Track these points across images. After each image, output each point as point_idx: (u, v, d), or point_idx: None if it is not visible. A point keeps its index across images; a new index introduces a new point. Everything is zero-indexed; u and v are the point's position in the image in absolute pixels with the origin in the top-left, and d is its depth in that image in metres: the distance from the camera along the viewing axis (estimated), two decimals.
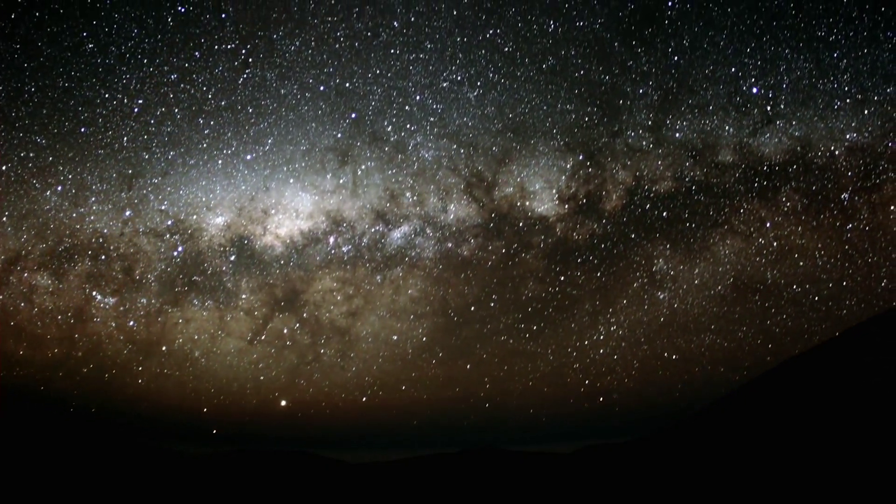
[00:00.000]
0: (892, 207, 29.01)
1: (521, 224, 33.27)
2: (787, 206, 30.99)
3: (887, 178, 28.58)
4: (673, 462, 16.32)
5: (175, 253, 31.09)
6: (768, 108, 29.73)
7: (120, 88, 28.75)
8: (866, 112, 28.30)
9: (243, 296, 32.66)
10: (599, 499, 14.99)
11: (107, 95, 28.54)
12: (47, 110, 28.21)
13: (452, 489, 18.03)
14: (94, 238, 29.85)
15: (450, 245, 33.81)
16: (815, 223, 30.49)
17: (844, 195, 29.52)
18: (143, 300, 31.34)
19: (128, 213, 30.14)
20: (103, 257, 30.10)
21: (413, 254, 33.78)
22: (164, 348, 31.75)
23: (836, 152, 29.40)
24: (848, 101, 28.46)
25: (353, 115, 31.74)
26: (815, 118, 29.24)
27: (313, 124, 31.50)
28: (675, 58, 30.22)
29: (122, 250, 30.47)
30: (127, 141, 29.51)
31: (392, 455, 27.04)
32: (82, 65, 28.02)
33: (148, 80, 29.09)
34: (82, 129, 28.71)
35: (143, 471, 19.37)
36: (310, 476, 20.75)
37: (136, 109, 29.18)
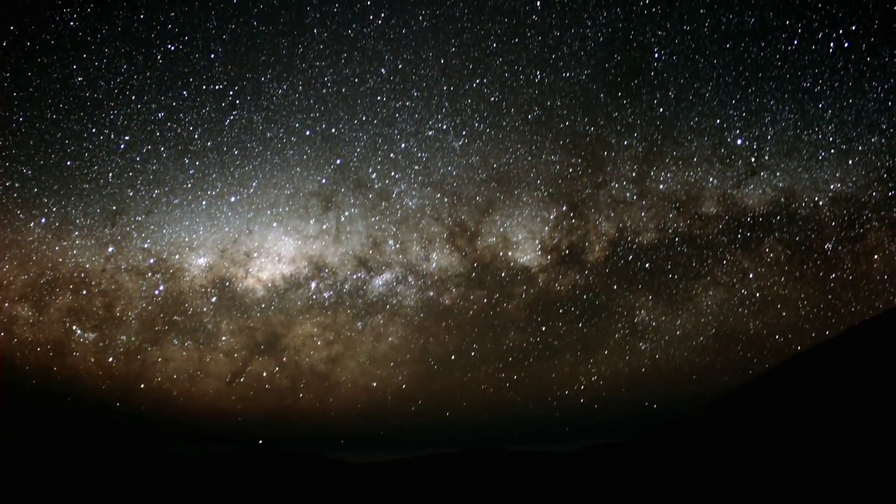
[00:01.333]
0: (875, 257, 29.35)
1: (503, 274, 33.63)
2: (771, 257, 31.36)
3: (871, 228, 28.96)
4: (672, 462, 16.38)
5: (156, 292, 31.21)
6: (752, 159, 30.06)
7: (107, 124, 28.96)
8: (850, 162, 28.67)
9: (223, 337, 32.74)
10: (599, 499, 15.08)
11: (94, 130, 28.77)
12: (34, 141, 28.36)
13: (453, 489, 18.02)
14: (76, 272, 29.95)
15: (431, 294, 34.03)
16: (798, 273, 30.80)
17: (828, 245, 29.84)
18: (123, 337, 31.35)
19: (110, 249, 30.33)
20: (84, 292, 30.14)
21: (394, 301, 33.96)
22: (142, 386, 31.77)
23: (820, 203, 29.69)
24: (832, 151, 28.79)
25: (338, 161, 32.18)
26: (800, 169, 29.61)
27: (298, 169, 31.96)
28: (661, 109, 30.69)
29: (103, 286, 30.57)
30: (112, 177, 29.75)
31: (392, 455, 27.01)
32: (71, 97, 28.18)
33: (135, 117, 29.36)
34: (68, 163, 28.89)
35: (142, 471, 19.27)
36: (310, 476, 20.69)
37: (122, 146, 29.47)
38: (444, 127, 32.34)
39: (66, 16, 28.13)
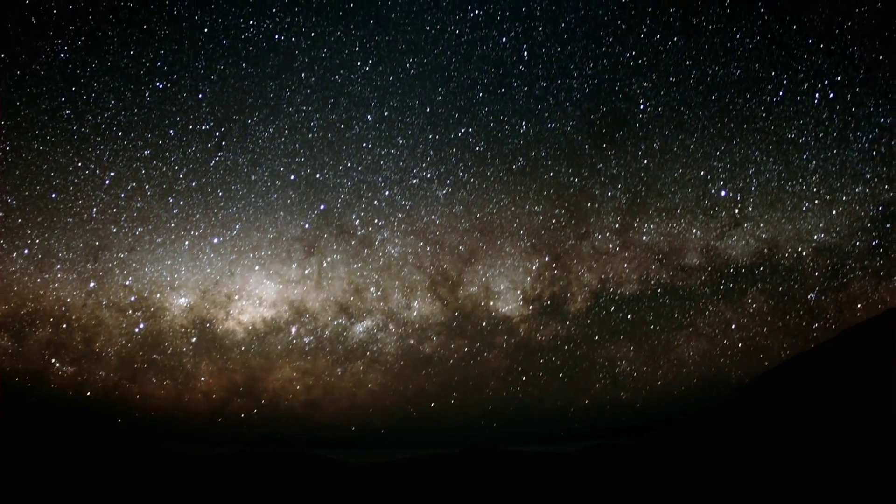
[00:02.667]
0: (858, 306, 28.71)
1: (484, 323, 33.22)
2: (753, 308, 30.86)
3: (854, 278, 28.50)
4: (670, 462, 16.19)
5: (136, 329, 30.80)
6: (736, 210, 29.91)
7: (93, 158, 28.84)
8: (834, 212, 28.38)
9: (202, 378, 32.33)
10: (599, 499, 14.94)
11: (80, 164, 28.61)
12: (20, 171, 28.14)
13: (454, 489, 17.85)
14: (56, 305, 29.63)
15: (412, 342, 33.66)
16: (780, 324, 30.28)
17: (811, 295, 29.42)
18: (102, 372, 30.81)
19: (92, 284, 29.99)
20: (65, 325, 29.76)
21: (375, 348, 33.57)
22: (119, 420, 30.92)
23: (804, 253, 29.42)
24: (816, 202, 28.54)
25: (322, 207, 32.05)
26: (783, 220, 29.39)
27: (282, 213, 31.82)
28: (645, 161, 30.66)
29: (83, 321, 30.20)
30: (96, 212, 29.52)
31: (393, 455, 27.03)
32: (58, 130, 28.06)
33: (121, 153, 29.26)
34: (53, 195, 28.65)
35: (146, 470, 19.03)
36: (313, 476, 20.45)
37: (107, 181, 29.33)
38: (429, 175, 32.46)
39: (58, 47, 28.08)
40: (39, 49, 28.01)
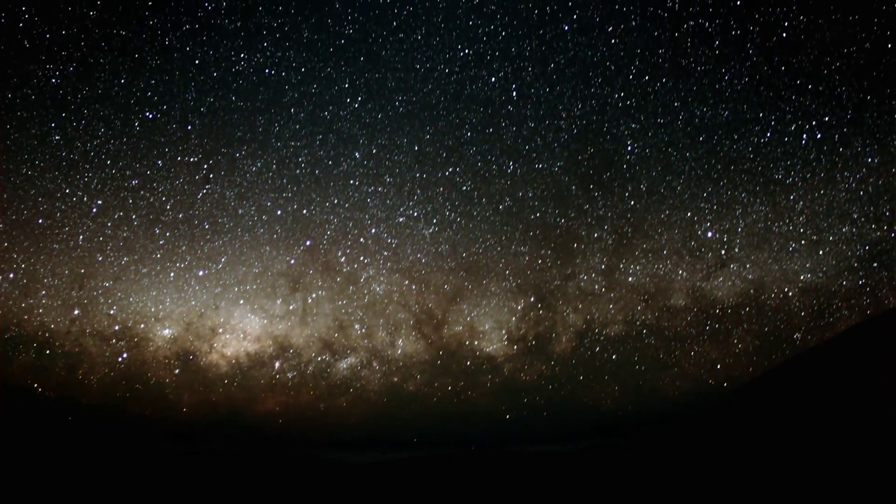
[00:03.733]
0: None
1: (468, 363, 33.10)
2: (739, 348, 30.81)
3: (841, 317, 28.71)
4: (671, 462, 16.10)
5: (120, 359, 30.38)
6: (723, 251, 30.19)
7: (81, 186, 28.70)
8: (821, 252, 28.74)
9: (184, 409, 31.89)
10: (599, 499, 14.83)
11: (67, 190, 28.46)
12: (8, 195, 27.97)
13: (454, 489, 17.68)
14: (40, 331, 29.25)
15: (396, 379, 33.65)
16: (766, 364, 30.07)
17: (797, 335, 29.47)
18: (83, 400, 30.16)
19: (76, 312, 29.64)
20: (48, 352, 29.32)
21: (358, 385, 33.49)
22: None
23: (790, 293, 29.63)
24: (803, 242, 28.93)
25: (308, 243, 32.04)
26: (770, 260, 29.64)
27: (268, 247, 31.79)
28: (632, 202, 30.96)
29: (67, 348, 29.76)
30: (83, 240, 29.25)
31: (394, 455, 26.86)
32: (47, 155, 28.01)
33: (109, 182, 29.17)
34: (40, 221, 28.38)
35: (140, 471, 18.76)
36: (312, 477, 20.20)
37: (94, 209, 29.10)
38: (416, 214, 32.56)
39: (49, 72, 28.14)
40: (31, 73, 28.10)
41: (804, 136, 28.18)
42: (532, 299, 32.45)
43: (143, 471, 18.97)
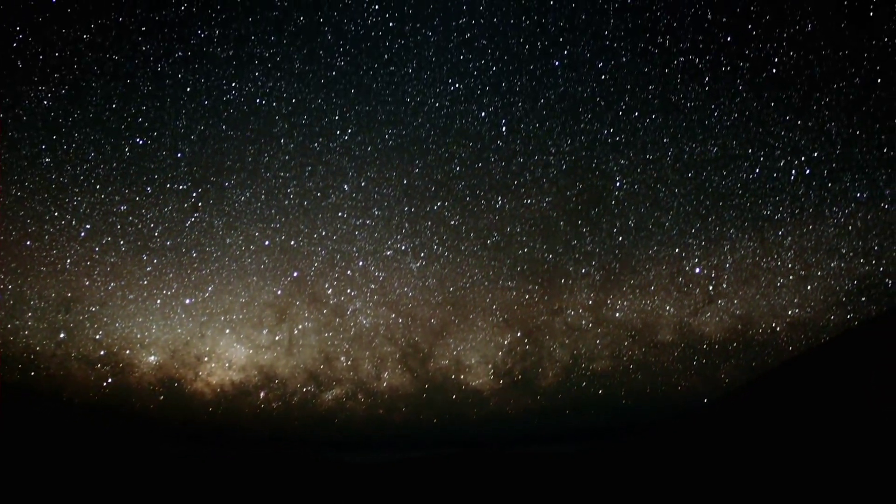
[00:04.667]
0: None
1: (454, 396, 33.08)
2: (726, 382, 30.77)
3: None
4: (671, 462, 15.99)
5: (104, 384, 30.36)
6: (710, 287, 30.12)
7: (70, 209, 28.62)
8: (809, 287, 28.67)
9: (167, 437, 31.68)
10: (600, 499, 14.59)
11: (56, 213, 28.36)
12: None
13: (454, 489, 17.54)
14: (25, 353, 29.16)
15: (381, 412, 33.62)
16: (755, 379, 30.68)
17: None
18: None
19: (62, 335, 29.55)
20: (33, 374, 29.27)
21: (343, 416, 33.44)
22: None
23: (777, 328, 29.60)
24: (791, 277, 28.82)
25: (295, 274, 32.01)
26: (758, 296, 29.52)
27: (255, 278, 31.70)
28: (620, 238, 30.94)
29: (51, 371, 29.68)
30: (70, 263, 29.11)
31: (394, 456, 27.12)
32: (36, 177, 27.91)
33: (98, 207, 29.03)
34: (27, 243, 28.29)
35: (140, 471, 18.57)
36: (311, 477, 20.05)
37: (82, 233, 28.98)
38: (403, 248, 32.55)
39: (41, 93, 28.14)
40: (23, 94, 28.09)
41: (793, 171, 28.32)
42: (519, 334, 32.51)
43: (142, 472, 18.87)
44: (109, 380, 30.33)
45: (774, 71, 28.06)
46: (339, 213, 31.89)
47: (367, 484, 19.59)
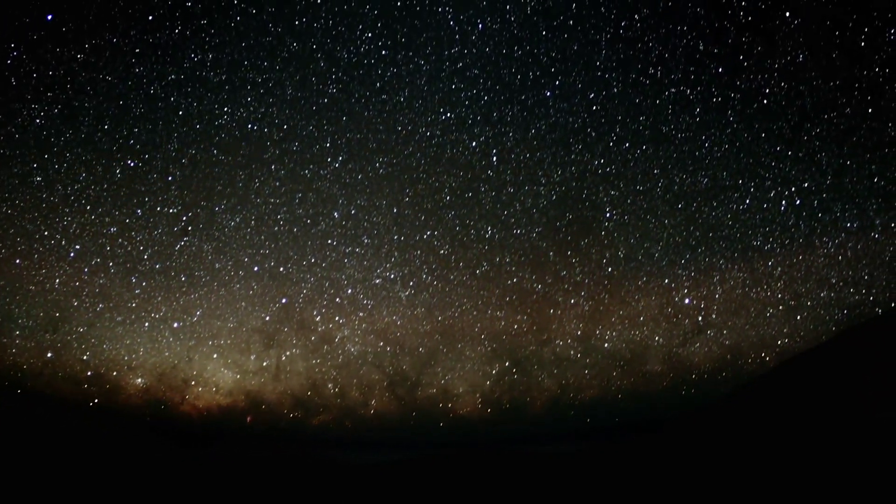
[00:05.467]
0: None
1: (441, 424, 33.31)
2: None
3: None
4: (671, 462, 15.87)
5: (90, 404, 29.96)
6: (700, 318, 30.17)
7: (60, 229, 28.56)
8: (798, 318, 28.73)
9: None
10: (600, 499, 14.69)
11: (46, 233, 28.32)
12: None
13: (454, 489, 17.39)
14: (12, 371, 29.02)
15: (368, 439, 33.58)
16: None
17: None
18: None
19: (49, 354, 29.47)
20: (19, 391, 29.00)
21: (330, 441, 33.34)
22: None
23: (767, 358, 29.61)
24: (781, 307, 28.97)
25: (284, 301, 32.09)
26: (747, 326, 29.65)
27: (243, 303, 31.75)
28: (609, 269, 31.14)
29: (38, 390, 29.43)
30: (59, 283, 29.08)
31: (394, 456, 27.01)
32: (27, 196, 27.82)
33: (88, 228, 29.03)
34: (17, 261, 28.23)
35: (141, 472, 18.44)
36: (311, 477, 19.89)
37: (72, 254, 28.96)
38: (392, 276, 32.65)
39: (34, 112, 28.08)
40: (16, 112, 28.03)
41: (783, 202, 28.41)
42: (507, 363, 32.64)
43: (144, 472, 18.76)
44: (95, 400, 30.06)
45: (765, 102, 28.21)
46: (329, 241, 32.04)
47: (367, 484, 19.49)
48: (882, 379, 14.43)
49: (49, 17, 27.08)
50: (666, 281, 30.35)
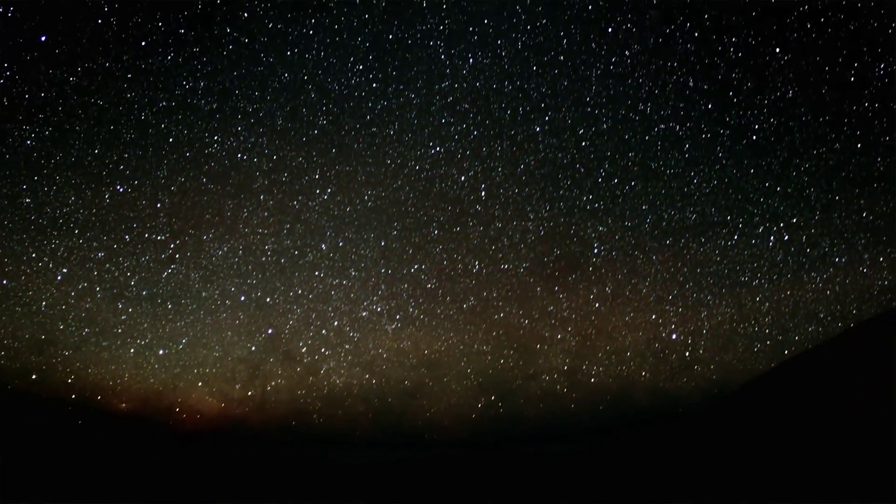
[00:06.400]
0: None
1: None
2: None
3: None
4: (671, 462, 15.78)
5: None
6: (687, 353, 29.85)
7: (47, 252, 28.50)
8: (786, 353, 28.50)
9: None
10: (600, 499, 14.87)
11: (34, 255, 28.23)
12: None
13: (454, 489, 17.22)
14: None
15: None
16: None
17: None
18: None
19: (34, 377, 29.26)
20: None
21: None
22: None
23: None
24: (768, 342, 28.94)
25: (270, 331, 31.91)
26: (735, 361, 29.36)
27: (229, 333, 31.54)
28: (597, 304, 30.85)
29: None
30: (45, 306, 28.98)
31: (394, 456, 27.04)
32: (16, 217, 27.77)
33: (75, 251, 28.95)
34: (4, 282, 28.12)
35: (143, 470, 18.20)
36: (312, 477, 19.68)
37: (59, 277, 28.88)
38: (379, 309, 32.42)
39: (25, 133, 28.07)
40: (7, 132, 28.00)
41: (771, 237, 28.55)
42: (493, 398, 32.06)
43: (145, 471, 18.64)
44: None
45: (754, 138, 28.35)
46: (316, 272, 31.87)
47: (367, 484, 19.39)
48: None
49: (43, 39, 27.13)
50: (653, 316, 30.35)
